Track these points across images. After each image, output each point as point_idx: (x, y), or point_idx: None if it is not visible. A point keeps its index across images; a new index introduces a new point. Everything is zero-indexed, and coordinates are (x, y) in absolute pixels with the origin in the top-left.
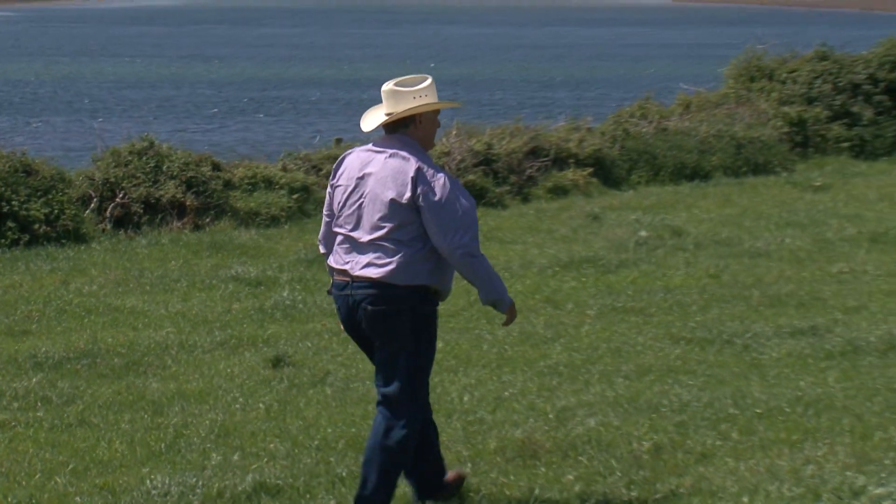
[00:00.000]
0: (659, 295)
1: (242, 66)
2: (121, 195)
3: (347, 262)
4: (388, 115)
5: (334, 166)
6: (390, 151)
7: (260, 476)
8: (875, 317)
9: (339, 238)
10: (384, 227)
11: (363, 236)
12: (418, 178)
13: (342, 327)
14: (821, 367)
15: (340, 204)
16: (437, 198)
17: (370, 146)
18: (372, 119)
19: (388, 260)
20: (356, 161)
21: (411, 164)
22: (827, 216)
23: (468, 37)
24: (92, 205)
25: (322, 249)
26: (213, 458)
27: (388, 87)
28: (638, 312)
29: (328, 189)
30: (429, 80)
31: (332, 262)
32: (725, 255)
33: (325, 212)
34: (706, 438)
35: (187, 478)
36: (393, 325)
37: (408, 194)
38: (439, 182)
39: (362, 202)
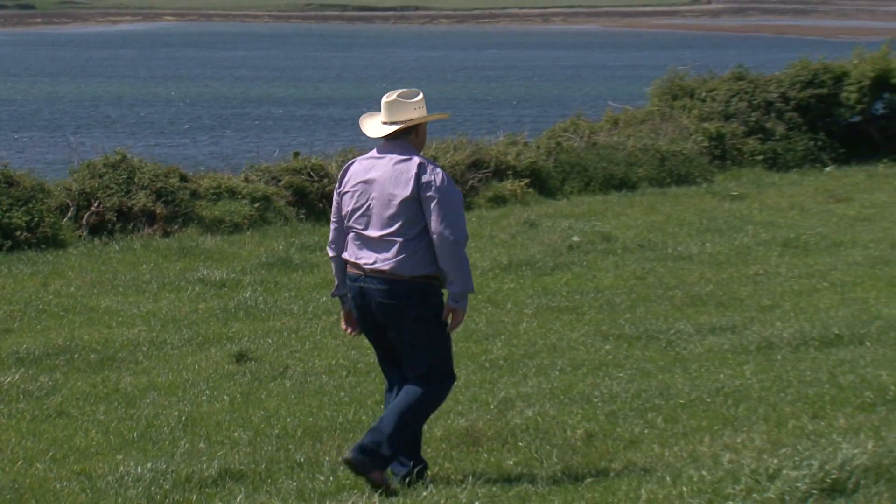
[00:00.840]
0: (590, 295)
1: (212, 85)
2: (96, 204)
3: (360, 258)
4: (391, 122)
5: (339, 175)
6: (393, 157)
7: (225, 462)
8: (788, 315)
9: (353, 235)
10: (394, 224)
11: (374, 233)
12: (420, 173)
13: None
14: (738, 361)
15: (351, 208)
16: (435, 188)
17: (372, 154)
18: (375, 126)
19: (396, 254)
20: (360, 168)
21: (413, 163)
22: (743, 223)
23: (416, 59)
24: (69, 213)
25: (331, 253)
26: (181, 445)
27: (391, 97)
28: (571, 311)
29: (335, 197)
30: (421, 94)
31: (346, 255)
32: (651, 259)
33: (333, 218)
34: (634, 426)
35: (158, 464)
36: (406, 315)
37: (412, 187)
38: (438, 176)
39: (370, 203)
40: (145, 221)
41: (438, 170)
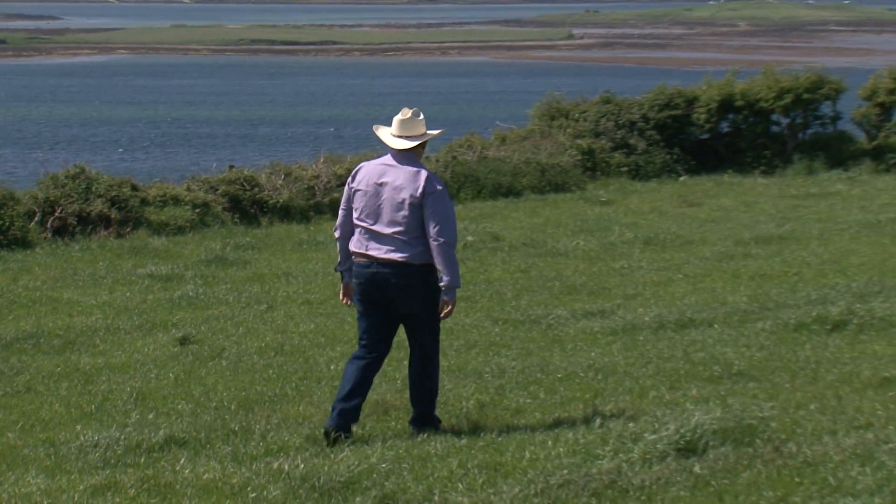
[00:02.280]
0: (482, 286)
1: (164, 108)
2: (59, 210)
3: (370, 249)
4: (407, 137)
5: (353, 173)
6: (405, 167)
7: (170, 431)
8: (648, 302)
9: (361, 229)
10: (402, 223)
11: (384, 229)
12: (426, 184)
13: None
14: (607, 341)
15: (361, 205)
16: (435, 198)
17: (385, 160)
18: (396, 139)
19: (407, 248)
20: (374, 171)
21: (422, 174)
22: (611, 224)
23: (337, 86)
24: (36, 218)
25: (338, 234)
26: (133, 416)
27: (406, 116)
28: (466, 300)
29: (346, 189)
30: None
31: (353, 246)
32: (533, 255)
33: (342, 206)
34: (519, 398)
35: (112, 433)
36: (413, 291)
37: (419, 194)
38: (439, 188)
39: (381, 203)
40: (102, 225)
41: (440, 185)
